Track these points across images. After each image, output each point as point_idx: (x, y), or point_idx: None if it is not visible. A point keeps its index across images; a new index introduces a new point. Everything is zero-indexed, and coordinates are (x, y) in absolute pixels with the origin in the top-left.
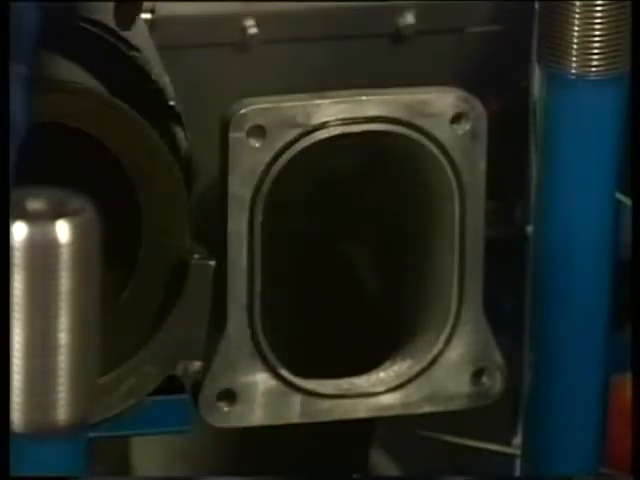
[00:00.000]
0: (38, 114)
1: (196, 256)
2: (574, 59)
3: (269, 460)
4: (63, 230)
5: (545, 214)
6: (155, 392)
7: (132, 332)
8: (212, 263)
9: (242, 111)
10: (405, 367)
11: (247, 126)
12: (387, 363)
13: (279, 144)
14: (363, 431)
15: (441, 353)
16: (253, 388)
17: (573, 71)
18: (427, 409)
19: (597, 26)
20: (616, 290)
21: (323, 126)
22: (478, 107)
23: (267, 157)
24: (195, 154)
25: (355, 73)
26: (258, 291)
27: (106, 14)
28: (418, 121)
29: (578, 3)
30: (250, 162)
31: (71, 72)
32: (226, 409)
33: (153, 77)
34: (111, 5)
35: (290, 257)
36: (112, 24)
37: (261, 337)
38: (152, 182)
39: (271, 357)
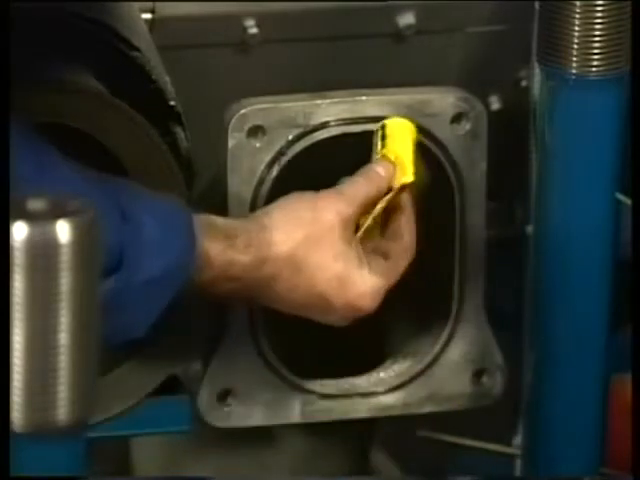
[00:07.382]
0: (38, 114)
1: None
2: (574, 59)
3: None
4: (63, 230)
5: (545, 214)
6: (155, 392)
7: None
8: None
9: (242, 111)
10: (405, 367)
11: (247, 126)
12: (387, 363)
13: (279, 144)
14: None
15: (441, 353)
16: (253, 388)
17: (573, 71)
18: (428, 409)
19: (597, 26)
20: (616, 290)
21: (323, 126)
22: (478, 107)
23: (267, 157)
24: (195, 154)
25: (355, 73)
26: None
27: (107, 14)
28: (418, 121)
29: (578, 3)
30: (250, 162)
31: (72, 72)
32: (226, 409)
33: (153, 77)
34: (111, 5)
35: None
36: (113, 24)
37: (261, 337)
38: (152, 182)
39: (271, 357)
